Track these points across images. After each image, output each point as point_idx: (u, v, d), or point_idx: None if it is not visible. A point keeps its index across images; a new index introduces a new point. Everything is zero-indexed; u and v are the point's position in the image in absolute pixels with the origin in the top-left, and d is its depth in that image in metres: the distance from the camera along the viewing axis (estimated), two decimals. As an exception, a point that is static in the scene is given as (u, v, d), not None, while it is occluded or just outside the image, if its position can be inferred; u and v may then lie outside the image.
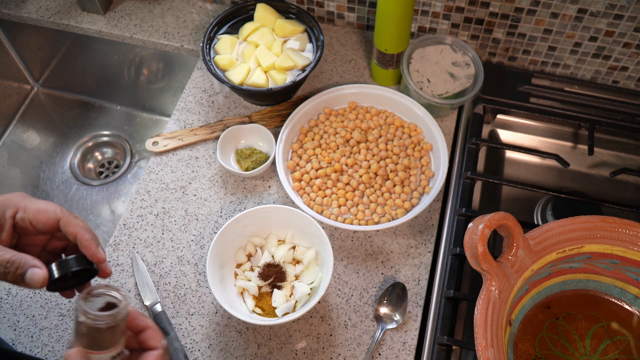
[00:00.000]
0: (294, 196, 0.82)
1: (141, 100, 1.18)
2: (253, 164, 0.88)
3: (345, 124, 0.90)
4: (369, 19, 1.03)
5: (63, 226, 0.55)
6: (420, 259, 0.82)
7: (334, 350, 0.75)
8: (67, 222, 0.55)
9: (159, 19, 1.08)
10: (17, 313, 0.78)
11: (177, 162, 0.91)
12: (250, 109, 0.97)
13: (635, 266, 0.71)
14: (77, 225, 0.55)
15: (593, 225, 0.70)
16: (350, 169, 0.86)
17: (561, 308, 0.75)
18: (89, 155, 1.17)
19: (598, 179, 0.93)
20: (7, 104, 1.19)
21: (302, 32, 0.96)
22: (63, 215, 0.56)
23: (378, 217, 0.82)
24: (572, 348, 0.72)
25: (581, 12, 0.88)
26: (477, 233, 0.64)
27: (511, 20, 0.94)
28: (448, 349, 0.73)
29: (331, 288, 0.80)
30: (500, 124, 0.97)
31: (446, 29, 1.00)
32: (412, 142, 0.89)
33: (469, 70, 0.91)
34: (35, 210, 0.55)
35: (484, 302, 0.63)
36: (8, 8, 1.10)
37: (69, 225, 0.55)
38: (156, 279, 0.81)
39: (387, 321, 0.76)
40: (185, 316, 0.78)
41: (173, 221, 0.86)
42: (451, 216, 0.84)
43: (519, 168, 0.94)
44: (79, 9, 1.10)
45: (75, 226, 0.55)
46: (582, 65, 0.98)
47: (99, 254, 0.55)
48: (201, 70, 1.02)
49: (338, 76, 1.00)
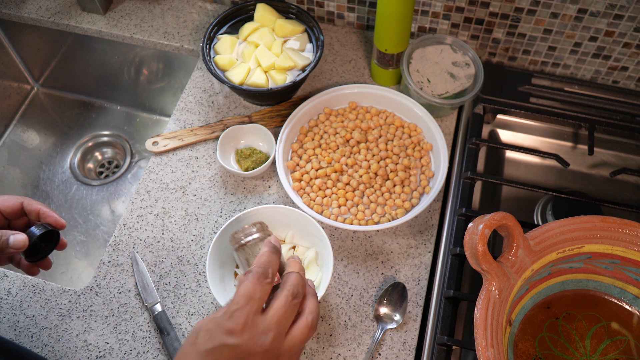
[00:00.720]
0: (294, 196, 0.82)
1: (141, 100, 1.18)
2: (253, 164, 0.88)
3: (345, 124, 0.90)
4: (369, 19, 1.03)
5: (27, 206, 0.68)
6: (420, 259, 0.82)
7: (334, 350, 0.75)
8: (29, 203, 0.68)
9: (159, 19, 1.08)
10: (17, 313, 0.78)
11: (177, 162, 0.91)
12: (250, 109, 0.97)
13: (635, 266, 0.71)
14: (38, 203, 0.68)
15: (593, 225, 0.70)
16: (350, 169, 0.86)
17: (561, 308, 0.75)
18: (89, 155, 1.17)
19: (598, 179, 0.93)
20: (7, 104, 1.19)
21: (302, 32, 0.96)
22: (25, 199, 0.68)
23: (378, 217, 0.82)
24: (572, 348, 0.72)
25: (581, 12, 0.88)
26: (477, 233, 0.64)
27: (511, 20, 0.94)
28: (448, 349, 0.73)
29: (331, 288, 0.80)
30: (500, 124, 0.97)
31: (446, 29, 1.00)
32: (412, 142, 0.89)
33: (469, 70, 0.91)
34: (1, 200, 0.67)
35: (484, 302, 0.63)
36: (8, 8, 1.10)
37: (32, 204, 0.68)
38: (156, 279, 0.81)
39: (387, 321, 0.76)
40: (185, 316, 0.78)
41: (173, 221, 0.86)
42: (451, 216, 0.84)
43: (519, 168, 0.94)
44: (79, 9, 1.10)
45: (37, 204, 0.68)
46: (582, 65, 0.98)
47: (61, 219, 0.68)
48: (201, 70, 1.02)
49: (338, 76, 1.00)
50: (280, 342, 0.51)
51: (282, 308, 0.52)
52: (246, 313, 0.50)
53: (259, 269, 0.53)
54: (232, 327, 0.50)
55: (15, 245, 0.63)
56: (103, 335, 0.76)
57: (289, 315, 0.53)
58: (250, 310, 0.51)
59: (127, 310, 0.78)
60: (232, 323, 0.50)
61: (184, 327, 0.77)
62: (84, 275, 1.01)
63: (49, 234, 0.68)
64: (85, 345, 0.76)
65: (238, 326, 0.50)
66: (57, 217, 0.68)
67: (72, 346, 0.76)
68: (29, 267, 0.71)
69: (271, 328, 0.51)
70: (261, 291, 0.52)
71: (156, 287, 0.80)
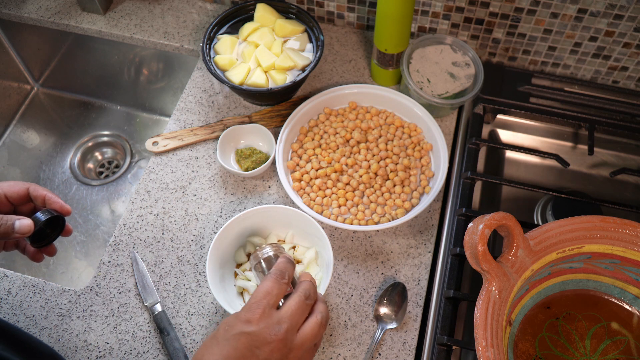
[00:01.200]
0: (294, 196, 0.82)
1: (141, 100, 1.18)
2: (253, 164, 0.88)
3: (345, 124, 0.90)
4: (369, 19, 1.03)
5: (33, 192, 0.68)
6: (420, 259, 0.82)
7: (334, 350, 0.75)
8: (35, 189, 0.69)
9: (159, 19, 1.08)
10: (17, 313, 0.78)
11: (177, 162, 0.91)
12: (250, 109, 0.97)
13: (635, 266, 0.71)
14: (44, 189, 0.69)
15: (593, 225, 0.70)
16: (350, 169, 0.86)
17: (561, 308, 0.75)
18: (89, 155, 1.17)
19: (598, 179, 0.93)
20: (7, 104, 1.19)
21: (302, 32, 0.96)
22: (30, 185, 0.69)
23: (378, 217, 0.83)
24: (572, 348, 0.72)
25: (581, 12, 0.88)
26: (477, 233, 0.64)
27: (511, 20, 0.94)
28: (448, 349, 0.73)
29: (331, 288, 0.80)
30: (500, 124, 0.97)
31: (446, 29, 1.00)
32: (412, 142, 0.89)
33: (469, 70, 0.91)
34: (7, 185, 0.68)
35: (484, 302, 0.63)
36: (8, 8, 1.10)
37: (38, 190, 0.68)
38: (156, 279, 0.81)
39: (387, 321, 0.76)
40: (185, 316, 0.78)
41: (173, 221, 0.86)
42: (451, 216, 0.84)
43: (519, 168, 0.94)
44: (79, 9, 1.10)
45: (42, 190, 0.69)
46: (582, 65, 0.98)
47: (66, 205, 0.69)
48: (201, 70, 1.02)
49: (338, 76, 1.00)
50: (293, 334, 0.57)
51: (295, 305, 0.58)
52: (263, 306, 0.56)
53: (277, 271, 0.61)
54: (249, 317, 0.55)
55: (20, 230, 0.63)
56: (103, 335, 0.76)
57: (302, 312, 0.58)
58: (267, 304, 0.57)
59: (127, 310, 0.78)
60: (250, 314, 0.56)
61: (184, 327, 0.77)
62: (84, 275, 1.01)
63: (54, 219, 0.68)
64: (85, 345, 0.76)
65: (255, 315, 0.55)
66: (62, 203, 0.69)
67: (72, 346, 0.76)
68: (34, 253, 0.72)
69: (285, 320, 0.56)
70: (278, 289, 0.59)
71: (156, 287, 0.80)
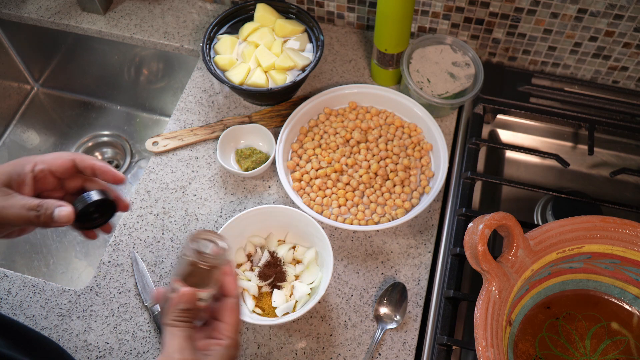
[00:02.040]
0: (294, 196, 0.82)
1: (141, 100, 1.18)
2: (253, 164, 0.88)
3: (345, 124, 0.90)
4: (369, 19, 1.03)
5: (80, 162, 0.61)
6: (420, 259, 0.82)
7: (334, 350, 0.75)
8: (82, 159, 0.61)
9: (159, 19, 1.08)
10: (17, 313, 0.78)
11: (177, 162, 0.91)
12: (250, 109, 0.97)
13: (635, 266, 0.71)
14: (91, 158, 0.61)
15: (593, 225, 0.70)
16: (350, 169, 0.86)
17: (561, 308, 0.75)
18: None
19: (598, 179, 0.93)
20: (7, 104, 1.19)
21: (302, 32, 0.96)
22: (76, 156, 0.61)
23: (378, 217, 0.82)
24: (572, 348, 0.72)
25: (581, 12, 0.88)
26: (477, 233, 0.64)
27: (511, 20, 0.94)
28: (448, 349, 0.73)
29: (331, 288, 0.80)
30: (500, 124, 0.97)
31: (446, 29, 1.00)
32: (412, 142, 0.89)
33: (469, 70, 0.91)
34: (51, 159, 0.60)
35: (484, 302, 0.63)
36: (8, 8, 1.10)
37: (84, 160, 0.61)
38: (156, 279, 0.81)
39: (387, 321, 0.76)
40: (185, 316, 0.78)
41: (173, 221, 0.86)
42: (451, 216, 0.84)
43: (519, 168, 0.94)
44: (79, 9, 1.10)
45: (89, 159, 0.61)
46: (582, 65, 0.98)
47: (119, 174, 0.62)
48: (201, 70, 1.02)
49: (338, 76, 1.00)
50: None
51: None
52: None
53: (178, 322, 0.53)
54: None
55: (59, 220, 0.57)
56: (103, 335, 0.76)
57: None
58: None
59: (127, 310, 0.78)
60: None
61: (184, 327, 0.77)
62: (84, 275, 1.01)
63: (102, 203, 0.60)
64: (85, 345, 0.76)
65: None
66: (114, 172, 0.62)
67: (72, 346, 0.76)
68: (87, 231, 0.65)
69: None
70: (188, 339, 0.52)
71: (156, 287, 0.80)
